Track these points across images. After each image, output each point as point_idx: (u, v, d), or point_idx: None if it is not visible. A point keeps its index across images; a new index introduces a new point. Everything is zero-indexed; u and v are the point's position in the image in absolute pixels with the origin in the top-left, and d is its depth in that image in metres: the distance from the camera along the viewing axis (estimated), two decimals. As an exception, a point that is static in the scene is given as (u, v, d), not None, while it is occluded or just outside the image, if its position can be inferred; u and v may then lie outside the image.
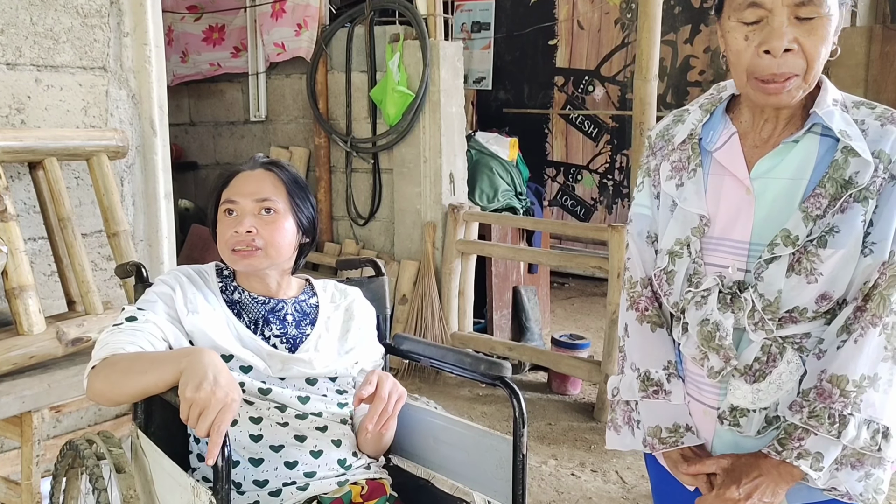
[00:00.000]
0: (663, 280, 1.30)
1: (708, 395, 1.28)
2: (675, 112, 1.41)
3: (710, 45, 5.38)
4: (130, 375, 1.33)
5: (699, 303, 1.24)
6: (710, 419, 1.28)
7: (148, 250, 2.77)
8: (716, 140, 1.28)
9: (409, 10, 3.91)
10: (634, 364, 1.37)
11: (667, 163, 1.33)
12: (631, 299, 1.39)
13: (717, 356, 1.22)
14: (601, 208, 6.05)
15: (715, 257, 1.25)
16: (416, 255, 4.05)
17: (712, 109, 1.32)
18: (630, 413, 1.39)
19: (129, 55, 2.66)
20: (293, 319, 1.60)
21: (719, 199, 1.25)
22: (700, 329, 1.23)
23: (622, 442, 1.41)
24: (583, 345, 3.86)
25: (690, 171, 1.29)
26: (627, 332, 1.40)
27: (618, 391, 1.41)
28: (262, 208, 1.54)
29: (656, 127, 1.42)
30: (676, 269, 1.28)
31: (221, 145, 4.93)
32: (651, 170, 1.39)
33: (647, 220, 1.38)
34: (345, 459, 1.57)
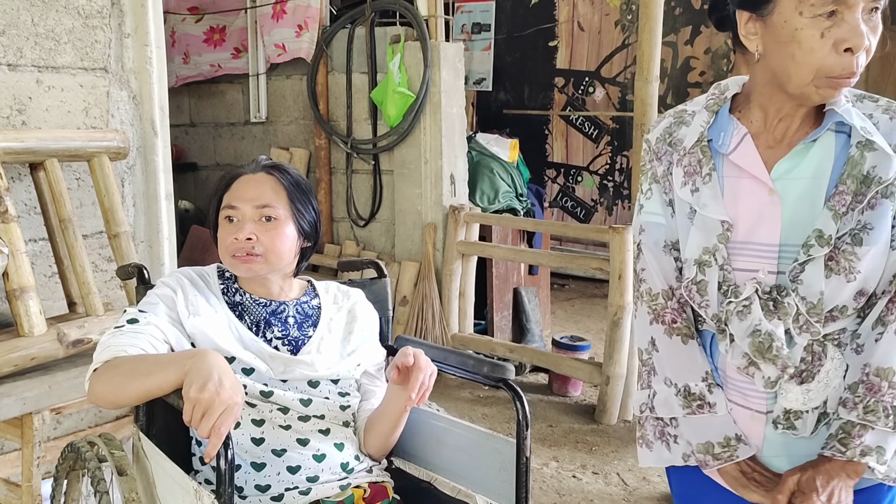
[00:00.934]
0: (694, 291, 1.26)
1: (755, 400, 1.26)
2: (671, 113, 1.37)
3: (710, 47, 5.38)
4: (133, 378, 1.32)
5: (741, 312, 1.21)
6: (759, 424, 1.26)
7: (148, 251, 2.76)
8: (728, 142, 1.25)
9: (409, 12, 3.91)
10: (669, 379, 1.32)
11: (679, 168, 1.29)
12: (654, 312, 1.33)
13: (772, 366, 1.20)
14: (601, 209, 6.05)
15: (742, 262, 1.23)
16: (417, 257, 4.05)
17: (717, 110, 1.29)
18: (663, 428, 1.35)
19: (130, 56, 2.66)
20: (295, 321, 1.60)
21: (738, 203, 1.23)
22: (752, 340, 1.20)
23: (658, 458, 1.36)
24: (583, 346, 3.86)
25: (705, 175, 1.26)
26: (655, 346, 1.34)
27: (647, 408, 1.36)
28: (262, 215, 1.53)
29: (654, 130, 1.37)
30: (707, 278, 1.24)
31: (222, 146, 4.92)
32: (659, 175, 1.34)
33: (662, 228, 1.33)
34: (347, 463, 1.56)
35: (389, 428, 1.61)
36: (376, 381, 1.73)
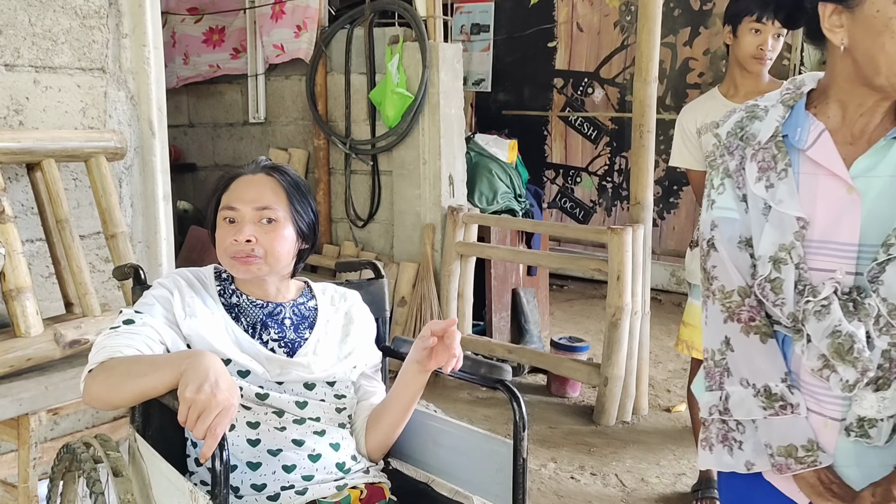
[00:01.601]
0: (767, 289, 1.22)
1: (829, 406, 1.22)
2: (742, 107, 1.34)
3: (709, 48, 5.38)
4: (129, 378, 1.32)
5: (819, 312, 1.17)
6: (832, 431, 1.22)
7: (146, 252, 2.76)
8: (805, 137, 1.22)
9: (408, 12, 3.90)
10: (746, 379, 1.27)
11: (753, 163, 1.26)
12: (729, 310, 1.29)
13: (852, 369, 1.16)
14: (600, 210, 6.05)
15: (818, 261, 1.19)
16: (416, 257, 4.05)
17: (792, 105, 1.26)
18: (727, 433, 1.31)
19: (127, 56, 2.65)
20: (291, 323, 1.60)
21: (815, 200, 1.20)
22: (830, 341, 1.16)
23: (718, 461, 1.33)
24: (582, 347, 3.85)
25: (780, 171, 1.22)
26: (730, 345, 1.30)
27: (717, 410, 1.31)
28: (262, 217, 1.52)
29: (724, 124, 1.34)
30: (783, 276, 1.20)
31: (220, 147, 4.92)
32: (731, 170, 1.30)
33: (737, 223, 1.28)
34: (343, 463, 1.56)
35: (397, 418, 1.61)
36: (374, 383, 1.73)
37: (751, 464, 1.28)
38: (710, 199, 1.33)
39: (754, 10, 2.42)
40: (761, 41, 2.43)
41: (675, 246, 5.69)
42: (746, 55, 2.47)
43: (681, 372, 4.16)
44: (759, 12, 2.41)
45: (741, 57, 2.49)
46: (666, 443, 3.28)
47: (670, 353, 4.47)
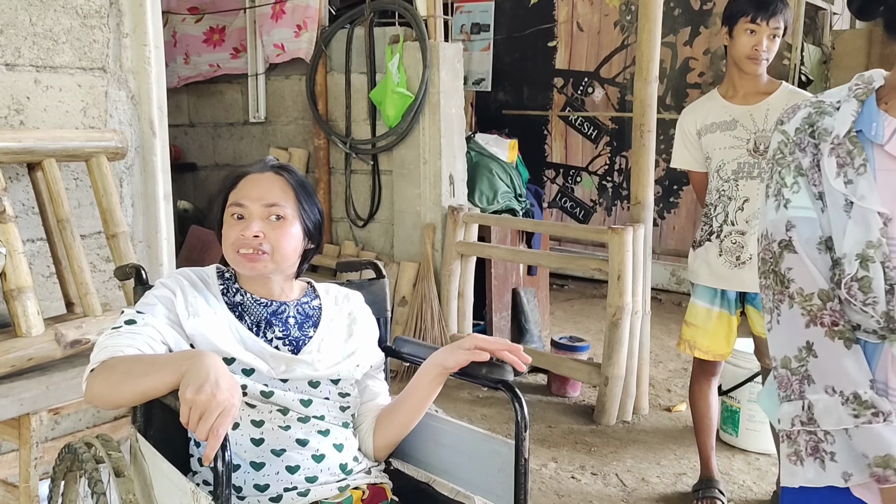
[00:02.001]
0: (855, 288, 1.17)
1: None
2: (809, 103, 1.29)
3: (709, 48, 5.38)
4: (130, 378, 1.32)
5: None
6: None
7: (147, 252, 2.76)
8: (882, 132, 1.18)
9: (408, 12, 3.90)
10: (832, 387, 1.19)
11: (832, 158, 1.21)
12: (811, 314, 1.21)
13: None
14: (600, 210, 6.05)
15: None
16: (416, 257, 4.05)
17: (864, 100, 1.23)
18: (817, 444, 1.22)
19: (128, 56, 2.65)
20: (296, 321, 1.60)
21: (895, 196, 1.16)
22: None
23: (805, 476, 1.24)
24: (582, 347, 3.85)
25: (858, 166, 1.18)
26: (812, 350, 1.22)
27: (800, 421, 1.23)
28: (270, 214, 1.53)
29: (790, 121, 1.29)
30: (871, 274, 1.15)
31: (221, 146, 4.92)
32: (806, 168, 1.24)
33: (816, 223, 1.22)
34: (346, 464, 1.56)
35: (410, 418, 1.64)
36: (378, 383, 1.73)
37: (848, 475, 1.19)
38: (784, 198, 1.25)
39: (749, 10, 2.43)
40: (756, 42, 2.44)
41: (675, 245, 5.70)
42: (741, 55, 2.48)
43: (681, 371, 4.16)
44: (753, 13, 2.42)
45: (737, 57, 2.50)
46: (666, 442, 3.28)
47: (671, 352, 4.47)
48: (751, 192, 2.52)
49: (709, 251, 2.61)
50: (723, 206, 2.58)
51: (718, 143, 2.56)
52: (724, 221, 2.57)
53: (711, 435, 2.78)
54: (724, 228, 2.57)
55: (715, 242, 2.59)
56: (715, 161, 2.58)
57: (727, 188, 2.56)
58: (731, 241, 2.56)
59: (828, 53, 5.88)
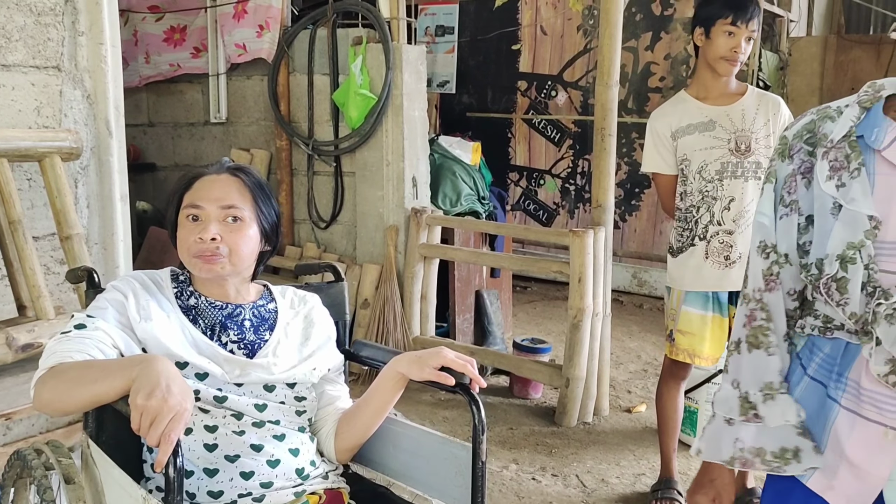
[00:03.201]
0: (833, 288, 1.21)
1: (892, 415, 1.18)
2: (814, 110, 1.33)
3: (670, 52, 5.46)
4: (79, 384, 1.29)
5: (891, 316, 1.14)
6: (893, 442, 1.19)
7: (103, 254, 2.71)
8: (882, 138, 1.20)
9: (371, 14, 3.89)
10: (737, 381, 1.33)
11: (824, 161, 1.24)
12: (748, 314, 1.34)
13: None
14: (563, 213, 6.09)
15: (891, 264, 1.17)
16: (379, 259, 4.04)
17: (869, 107, 1.24)
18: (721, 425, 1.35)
19: (84, 55, 2.61)
20: (251, 325, 1.59)
21: (891, 201, 1.17)
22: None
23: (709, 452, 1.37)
24: (544, 349, 3.88)
25: (853, 170, 1.20)
26: (738, 347, 1.35)
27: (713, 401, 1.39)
28: (227, 216, 1.52)
29: (792, 126, 1.33)
30: (849, 276, 1.18)
31: (181, 147, 4.86)
32: (783, 175, 1.31)
33: (766, 229, 1.32)
34: (302, 469, 1.55)
35: (372, 422, 1.62)
36: (337, 386, 1.72)
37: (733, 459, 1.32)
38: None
39: (728, 13, 2.45)
40: (734, 44, 2.47)
41: (636, 248, 5.76)
42: (718, 56, 2.49)
43: (641, 373, 4.20)
44: (733, 16, 2.45)
45: (712, 58, 2.51)
46: (626, 443, 3.32)
47: (631, 354, 4.52)
48: (735, 191, 2.54)
49: (694, 255, 2.60)
50: (707, 207, 2.57)
51: (698, 145, 2.56)
52: (709, 222, 2.57)
53: (675, 437, 2.80)
54: (711, 229, 2.57)
55: (700, 245, 2.59)
56: (695, 163, 2.57)
57: (711, 188, 2.56)
58: (719, 242, 2.56)
59: (785, 60, 6.01)
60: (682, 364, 2.69)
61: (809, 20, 6.57)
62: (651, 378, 4.04)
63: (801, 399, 1.29)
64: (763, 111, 2.54)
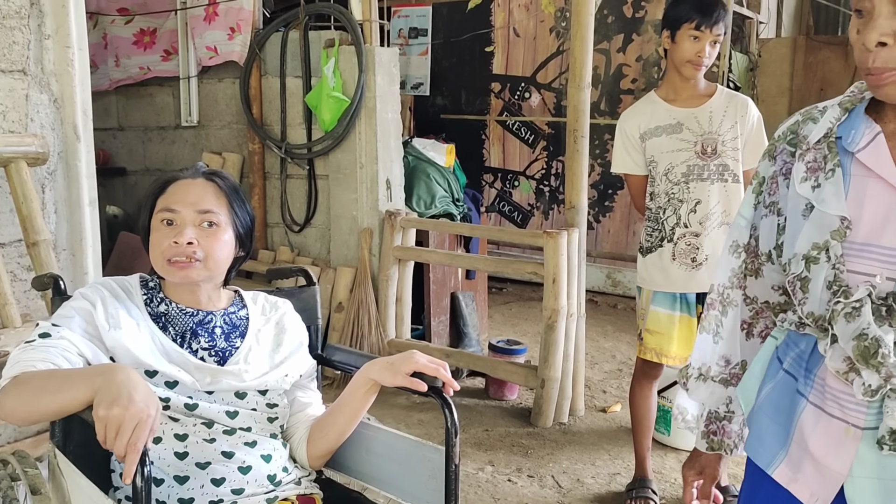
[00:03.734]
0: (797, 287, 1.22)
1: (854, 413, 1.18)
2: (803, 111, 1.33)
3: (642, 54, 5.50)
4: (42, 394, 1.27)
5: (850, 314, 1.15)
6: (853, 440, 1.19)
7: (71, 260, 2.67)
8: (858, 139, 1.20)
9: (344, 16, 3.88)
10: (692, 356, 1.48)
11: (801, 163, 1.25)
12: (710, 301, 1.45)
13: (875, 374, 1.13)
14: (538, 214, 6.11)
15: (858, 264, 1.17)
16: (353, 262, 4.02)
17: (852, 108, 1.24)
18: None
19: (50, 58, 2.57)
20: (222, 332, 1.57)
21: (863, 203, 1.17)
22: (856, 344, 1.14)
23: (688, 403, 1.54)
24: (519, 350, 3.89)
25: (828, 171, 1.21)
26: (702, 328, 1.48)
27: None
28: (203, 220, 1.50)
29: (780, 128, 1.34)
30: (812, 276, 1.19)
31: (152, 151, 4.80)
32: (766, 176, 1.33)
33: (742, 230, 1.38)
34: (275, 475, 1.53)
35: (345, 428, 1.62)
36: (309, 392, 1.71)
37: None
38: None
39: (694, 17, 2.47)
40: (699, 48, 2.49)
41: (610, 248, 5.79)
42: (683, 60, 2.51)
43: (616, 373, 4.23)
44: (698, 20, 2.46)
45: (678, 61, 2.54)
46: (601, 443, 3.34)
47: (605, 354, 4.55)
48: (702, 193, 2.56)
49: (662, 256, 2.62)
50: (673, 209, 2.60)
51: (665, 147, 2.58)
52: (675, 224, 2.59)
53: (649, 436, 2.82)
54: (677, 231, 2.59)
55: (668, 247, 2.61)
56: (662, 165, 2.60)
57: (677, 191, 2.58)
58: (686, 244, 2.59)
59: (754, 61, 6.08)
60: (654, 364, 2.71)
61: (779, 22, 6.66)
62: (626, 378, 4.06)
63: (775, 391, 1.32)
64: (731, 113, 2.56)
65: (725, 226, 2.55)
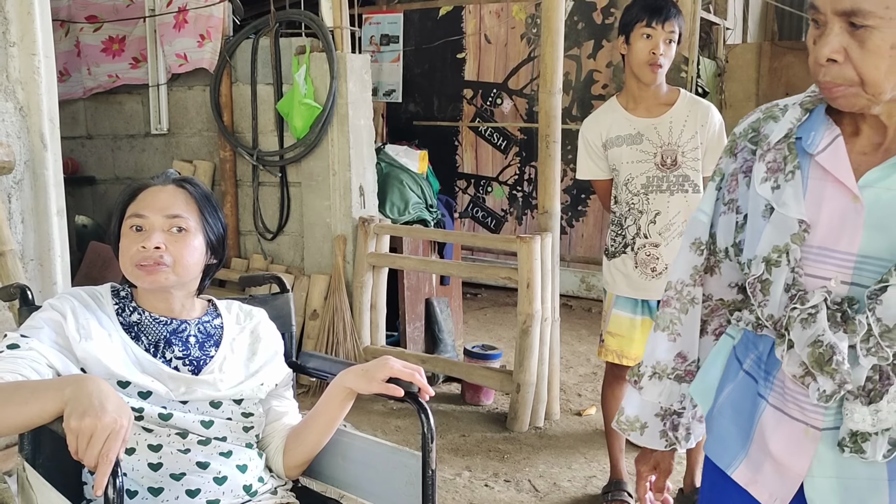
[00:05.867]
0: (757, 289, 1.22)
1: (813, 415, 1.19)
2: (762, 108, 1.32)
3: (612, 60, 5.55)
4: (10, 407, 1.24)
5: (805, 320, 1.15)
6: (812, 440, 1.20)
7: (39, 270, 2.63)
8: (817, 142, 1.19)
9: (314, 23, 3.87)
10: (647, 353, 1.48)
11: (761, 163, 1.25)
12: (665, 299, 1.45)
13: (829, 380, 1.13)
14: (511, 219, 6.14)
15: (814, 268, 1.17)
16: (327, 269, 4.01)
17: (812, 108, 1.23)
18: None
19: (15, 66, 2.53)
20: (196, 341, 1.56)
21: (821, 206, 1.17)
22: (811, 350, 1.14)
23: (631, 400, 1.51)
24: (495, 355, 3.89)
25: (788, 173, 1.20)
26: (657, 325, 1.47)
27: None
28: (172, 225, 1.49)
29: (742, 122, 1.33)
30: (772, 278, 1.19)
31: (121, 159, 4.75)
32: (726, 173, 1.33)
33: (702, 226, 1.37)
34: (250, 485, 1.52)
35: (321, 437, 1.61)
36: (285, 401, 1.70)
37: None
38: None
39: (643, 16, 2.48)
40: (653, 45, 2.48)
41: (584, 253, 5.83)
42: (640, 62, 2.51)
43: (591, 376, 4.25)
44: (648, 17, 2.47)
45: (635, 65, 2.53)
46: (577, 446, 3.35)
47: (580, 357, 4.57)
48: (661, 205, 2.57)
49: (625, 263, 2.65)
50: (633, 219, 2.62)
51: (625, 157, 2.60)
52: (636, 234, 2.62)
53: (622, 438, 2.84)
54: (637, 241, 2.62)
55: (630, 255, 2.63)
56: (623, 174, 2.61)
57: (637, 202, 2.60)
58: (646, 254, 2.61)
59: (722, 66, 6.17)
60: (622, 366, 2.73)
61: (745, 27, 6.77)
62: (601, 381, 4.05)
63: (735, 392, 1.32)
64: (692, 122, 2.56)
65: None
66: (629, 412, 1.49)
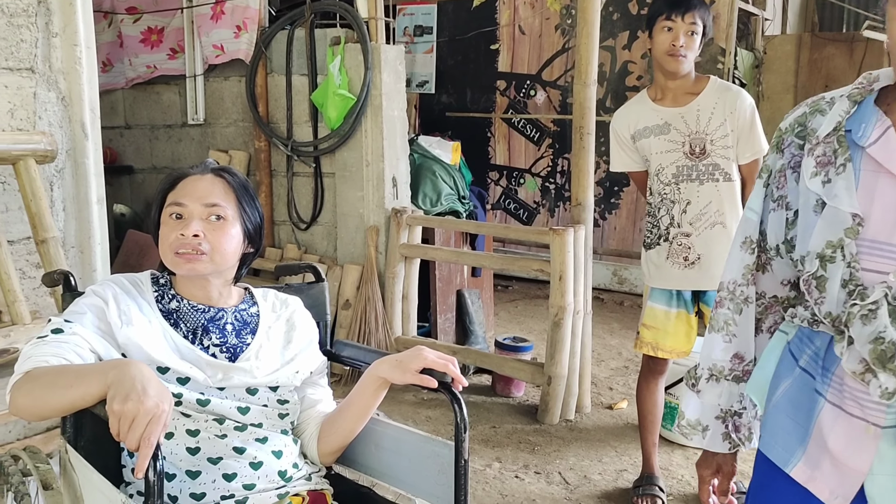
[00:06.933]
0: (812, 286, 1.20)
1: (873, 412, 1.17)
2: (808, 102, 1.30)
3: (647, 52, 5.48)
4: (55, 390, 1.28)
5: (866, 317, 1.12)
6: (873, 438, 1.17)
7: (80, 257, 2.69)
8: (868, 133, 1.17)
9: (349, 14, 3.88)
10: (703, 357, 1.45)
11: (810, 158, 1.23)
12: (719, 299, 1.43)
13: (892, 377, 1.11)
14: (543, 211, 6.11)
15: (871, 262, 1.14)
16: (360, 260, 4.03)
17: (861, 100, 1.21)
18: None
19: (58, 56, 2.58)
20: (233, 328, 1.58)
21: (873, 199, 1.15)
22: (873, 347, 1.12)
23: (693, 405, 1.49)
24: (526, 347, 3.89)
25: (839, 166, 1.18)
26: (712, 326, 1.45)
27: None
28: (211, 214, 1.51)
29: (786, 119, 1.31)
30: (828, 274, 1.17)
31: (158, 149, 4.82)
32: (775, 170, 1.31)
33: (752, 224, 1.35)
34: (285, 471, 1.54)
35: (356, 424, 1.62)
36: (319, 389, 1.72)
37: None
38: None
39: (664, 9, 2.51)
40: (673, 37, 2.50)
41: (616, 246, 5.79)
42: (662, 53, 2.53)
43: (622, 370, 4.23)
44: (668, 10, 2.49)
45: (658, 57, 2.55)
46: (608, 439, 3.34)
47: (612, 351, 4.55)
48: (692, 194, 2.56)
49: (659, 254, 2.65)
50: (666, 210, 2.61)
51: (654, 148, 2.60)
52: (669, 224, 2.61)
53: (655, 432, 2.82)
54: (671, 231, 2.61)
55: (664, 245, 2.63)
56: (654, 165, 2.62)
57: (669, 192, 2.60)
58: (678, 244, 2.60)
59: (760, 58, 6.06)
60: (659, 359, 2.72)
61: (784, 18, 6.64)
62: (632, 374, 4.06)
63: (792, 388, 1.30)
64: (720, 110, 2.54)
65: (719, 225, 2.55)
66: (689, 415, 1.47)
